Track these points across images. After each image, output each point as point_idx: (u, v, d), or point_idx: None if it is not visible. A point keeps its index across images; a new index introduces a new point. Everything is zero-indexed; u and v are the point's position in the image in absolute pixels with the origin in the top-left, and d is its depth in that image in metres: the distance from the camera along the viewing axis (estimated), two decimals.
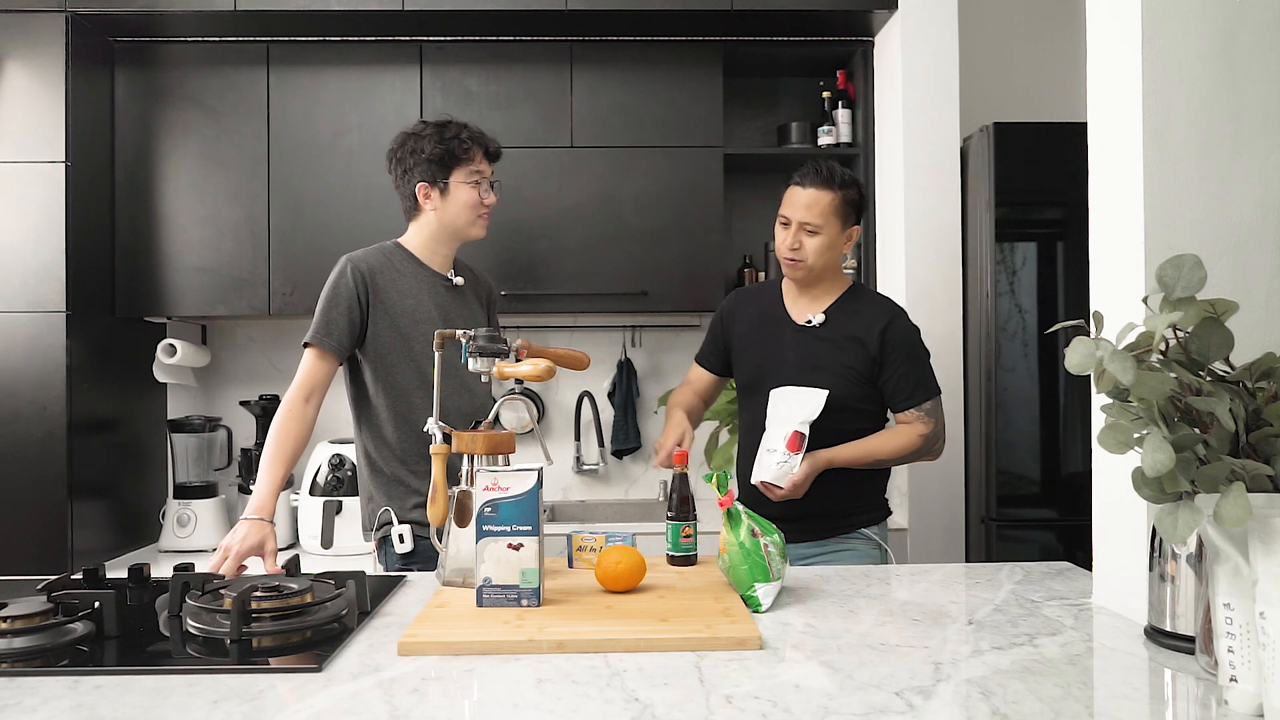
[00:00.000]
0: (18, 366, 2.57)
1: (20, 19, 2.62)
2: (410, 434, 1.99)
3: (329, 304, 1.97)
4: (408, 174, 2.06)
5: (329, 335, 1.95)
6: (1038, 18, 3.29)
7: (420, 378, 1.99)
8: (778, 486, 1.87)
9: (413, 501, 1.99)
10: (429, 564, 1.94)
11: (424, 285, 2.05)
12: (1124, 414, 1.00)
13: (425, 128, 2.06)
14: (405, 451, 2.00)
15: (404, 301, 2.01)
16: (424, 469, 1.98)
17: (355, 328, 1.98)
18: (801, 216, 1.95)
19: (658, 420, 3.23)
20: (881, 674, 1.12)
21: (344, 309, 1.97)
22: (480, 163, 2.07)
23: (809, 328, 2.02)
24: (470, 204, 2.05)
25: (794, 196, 1.98)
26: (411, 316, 2.01)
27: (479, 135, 2.08)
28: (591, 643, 1.22)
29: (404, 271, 2.04)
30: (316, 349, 1.95)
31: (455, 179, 2.04)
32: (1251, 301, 1.30)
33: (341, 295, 1.97)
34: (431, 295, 2.05)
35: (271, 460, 1.86)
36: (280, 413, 1.91)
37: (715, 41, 2.94)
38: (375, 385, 2.01)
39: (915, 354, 2.00)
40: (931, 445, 1.99)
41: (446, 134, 2.03)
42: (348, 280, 1.98)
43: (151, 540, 2.92)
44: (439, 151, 2.02)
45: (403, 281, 2.03)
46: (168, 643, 1.29)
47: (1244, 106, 1.34)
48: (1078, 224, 2.60)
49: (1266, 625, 0.94)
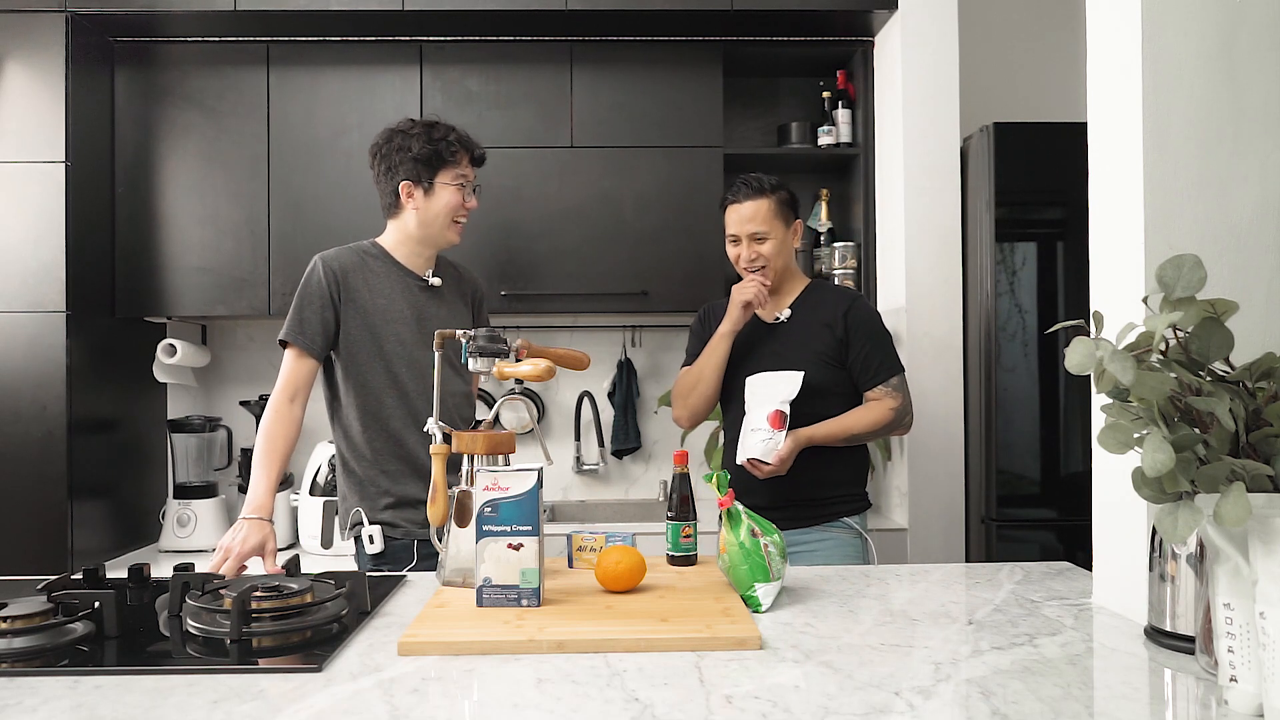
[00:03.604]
0: (18, 366, 2.57)
1: (20, 19, 2.62)
2: (380, 434, 1.99)
3: (302, 302, 1.97)
4: (392, 171, 2.05)
5: (303, 333, 1.95)
6: (1038, 18, 3.29)
7: (391, 378, 1.99)
8: (764, 462, 1.95)
9: (383, 502, 1.99)
10: (398, 564, 1.96)
11: (397, 285, 2.05)
12: (1124, 414, 1.00)
13: (414, 126, 2.05)
14: (375, 452, 2.00)
15: (376, 301, 2.01)
16: (394, 469, 1.99)
17: (329, 326, 1.98)
18: (748, 229, 2.09)
19: (658, 420, 3.24)
20: (881, 674, 1.12)
21: (317, 307, 1.97)
22: (466, 166, 2.07)
23: (778, 324, 2.14)
24: (452, 206, 2.05)
25: (735, 214, 2.12)
26: (383, 316, 2.01)
27: (466, 139, 2.08)
28: (591, 643, 1.22)
29: (377, 271, 2.04)
30: (295, 348, 1.96)
31: (441, 180, 2.04)
32: (1251, 301, 1.30)
33: (314, 293, 1.97)
34: (405, 295, 2.05)
35: (264, 460, 1.87)
36: (267, 414, 1.92)
37: (715, 41, 2.94)
38: (346, 385, 2.01)
39: (878, 333, 2.12)
40: (901, 419, 2.09)
41: (435, 134, 2.03)
42: (319, 278, 1.98)
43: (151, 540, 2.92)
44: (427, 151, 2.01)
45: (375, 281, 2.03)
46: (168, 643, 1.29)
47: (1244, 106, 1.34)
48: (1078, 224, 2.60)
49: (1266, 625, 0.94)
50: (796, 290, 2.17)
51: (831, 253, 3.05)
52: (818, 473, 2.04)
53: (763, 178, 2.11)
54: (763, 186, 2.10)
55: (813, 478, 2.04)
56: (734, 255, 2.14)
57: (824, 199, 3.16)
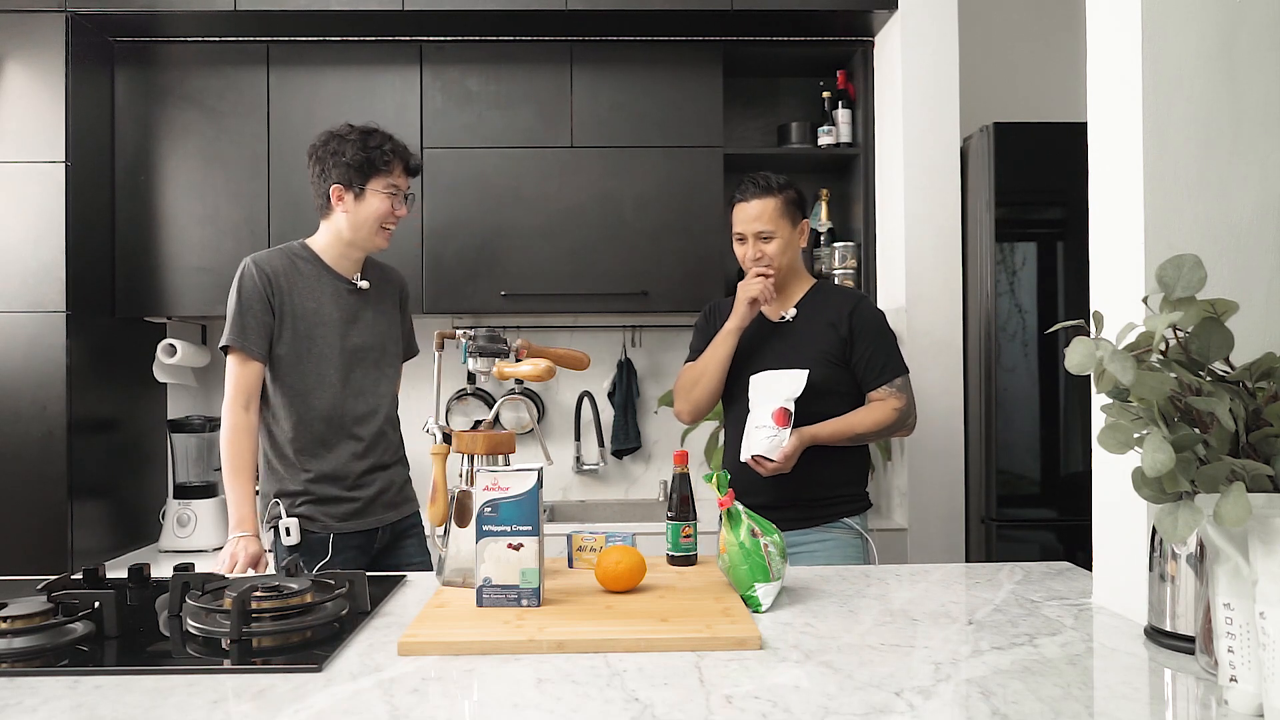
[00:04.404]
0: (18, 366, 2.57)
1: (20, 19, 2.62)
2: (304, 433, 2.01)
3: (241, 307, 1.98)
4: (324, 173, 2.07)
5: (246, 338, 1.97)
6: (1038, 18, 3.29)
7: (319, 379, 2.02)
8: (768, 459, 1.95)
9: (302, 498, 2.01)
10: (314, 557, 1.99)
11: (327, 289, 2.06)
12: (1124, 414, 1.00)
13: (351, 131, 2.07)
14: (297, 450, 2.02)
15: (305, 304, 2.03)
16: (312, 467, 2.01)
17: (268, 328, 2.00)
18: (754, 228, 2.10)
19: (658, 420, 3.24)
20: (881, 674, 1.12)
21: (256, 310, 1.98)
22: (399, 176, 2.08)
23: (783, 323, 2.14)
24: (379, 214, 2.06)
25: (742, 212, 2.12)
26: (313, 319, 2.02)
27: (402, 149, 2.10)
28: (591, 643, 1.22)
29: (306, 274, 2.05)
30: (239, 354, 1.97)
31: (372, 186, 2.05)
32: (1251, 301, 1.30)
33: (251, 297, 1.98)
34: (334, 299, 2.06)
35: (237, 477, 1.94)
36: (227, 428, 1.96)
37: (715, 41, 2.94)
38: (273, 385, 2.02)
39: (883, 333, 2.12)
40: (905, 419, 2.09)
41: (371, 142, 2.05)
42: (254, 281, 1.99)
43: (151, 540, 2.92)
44: (359, 158, 2.03)
45: (303, 284, 2.04)
46: (168, 643, 1.29)
47: (1244, 106, 1.34)
48: (1078, 224, 2.60)
49: (1266, 625, 0.94)
50: (802, 290, 2.18)
51: (831, 253, 3.05)
52: (819, 472, 2.04)
53: (771, 176, 2.12)
54: (770, 186, 2.10)
55: (814, 477, 2.04)
56: (740, 254, 2.15)
57: (824, 199, 3.16)
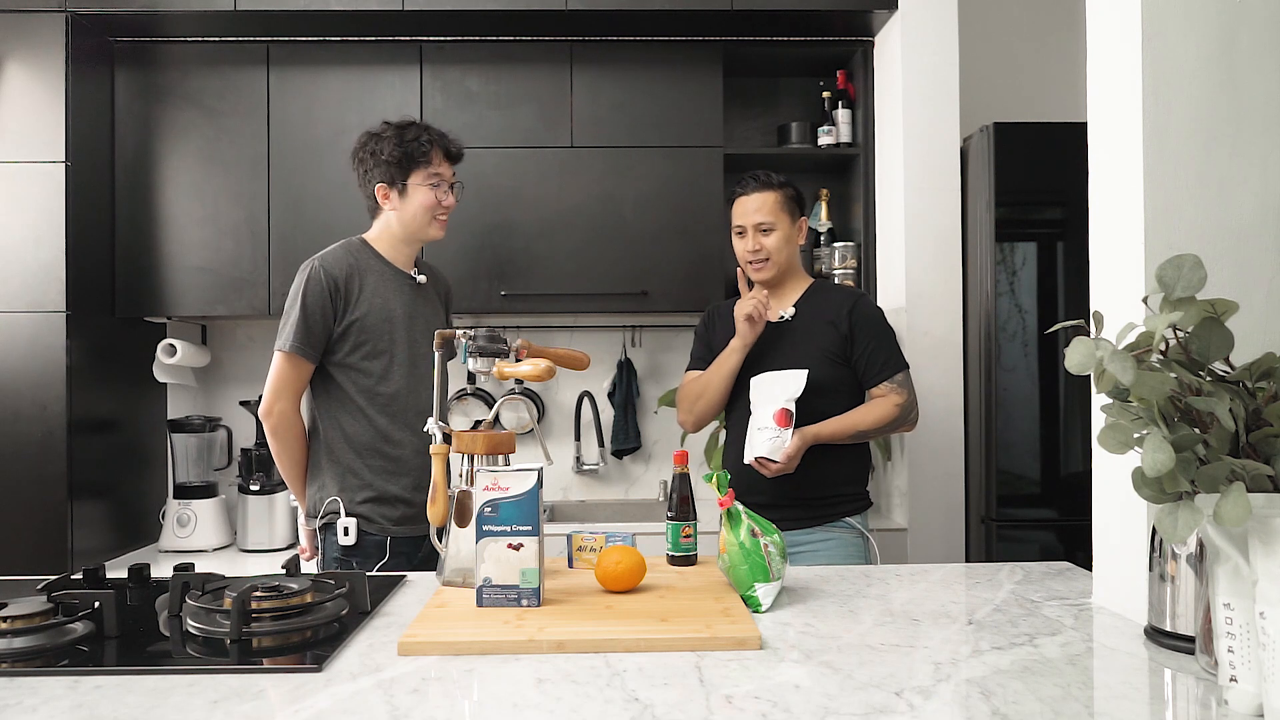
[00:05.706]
0: (18, 366, 2.57)
1: (20, 19, 2.62)
2: (369, 429, 2.02)
3: (306, 311, 1.98)
4: (368, 174, 2.09)
5: (309, 344, 1.98)
6: (1038, 18, 3.29)
7: (385, 375, 2.03)
8: (772, 461, 1.95)
9: (362, 495, 2.00)
10: (368, 560, 1.97)
11: (390, 283, 2.08)
12: (1124, 414, 1.00)
13: (387, 129, 2.08)
14: (363, 445, 2.02)
15: (374, 301, 2.04)
16: (377, 464, 2.02)
17: (329, 333, 2.01)
18: (754, 220, 2.12)
19: (658, 420, 3.23)
20: (881, 674, 1.12)
21: (319, 317, 1.99)
22: (440, 165, 2.09)
23: (782, 322, 2.14)
24: (427, 206, 2.07)
25: (742, 206, 2.14)
26: (380, 315, 2.04)
27: (440, 137, 2.10)
28: (591, 643, 1.22)
29: (371, 269, 2.07)
30: (297, 358, 1.98)
31: (414, 181, 2.06)
32: (1251, 301, 1.30)
33: (317, 302, 1.99)
34: (397, 293, 2.08)
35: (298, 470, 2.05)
36: (283, 429, 1.99)
37: (715, 41, 2.94)
38: (344, 377, 2.02)
39: (883, 330, 2.13)
40: (907, 415, 2.10)
41: (406, 136, 2.06)
42: (320, 286, 1.99)
43: (151, 540, 2.92)
44: (397, 154, 2.04)
45: (370, 279, 2.05)
46: (168, 643, 1.29)
47: (1244, 106, 1.34)
48: (1078, 224, 2.60)
49: (1266, 625, 0.94)
50: (800, 289, 2.19)
51: (831, 253, 3.05)
52: (820, 472, 2.04)
53: (770, 174, 2.15)
54: (770, 181, 2.13)
55: (815, 477, 2.04)
56: (739, 248, 2.16)
57: (824, 199, 3.16)
